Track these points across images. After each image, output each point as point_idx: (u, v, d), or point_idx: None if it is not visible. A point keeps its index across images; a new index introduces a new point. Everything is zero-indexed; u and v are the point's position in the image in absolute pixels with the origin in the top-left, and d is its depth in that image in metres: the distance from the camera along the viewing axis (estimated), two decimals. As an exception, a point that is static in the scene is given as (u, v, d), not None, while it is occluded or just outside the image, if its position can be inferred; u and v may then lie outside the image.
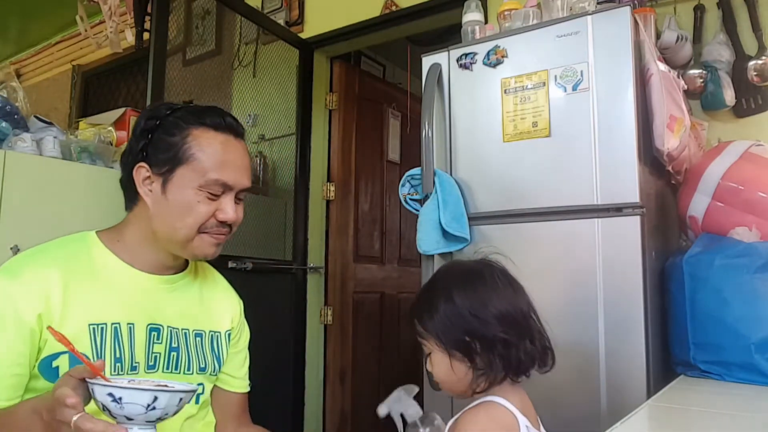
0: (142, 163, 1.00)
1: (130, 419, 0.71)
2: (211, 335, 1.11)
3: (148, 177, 1.00)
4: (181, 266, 1.10)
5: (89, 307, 0.94)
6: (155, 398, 0.71)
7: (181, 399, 0.75)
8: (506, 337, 0.87)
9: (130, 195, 1.04)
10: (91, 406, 0.74)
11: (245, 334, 1.21)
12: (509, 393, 0.89)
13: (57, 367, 0.90)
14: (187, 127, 1.00)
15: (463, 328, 0.89)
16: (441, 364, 0.90)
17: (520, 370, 0.89)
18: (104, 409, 0.72)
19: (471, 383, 0.89)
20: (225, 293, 1.18)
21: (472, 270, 0.95)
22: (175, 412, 0.75)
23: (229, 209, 1.01)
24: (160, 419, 0.74)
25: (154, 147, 1.00)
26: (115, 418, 0.72)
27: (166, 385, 0.77)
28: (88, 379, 0.73)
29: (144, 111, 1.06)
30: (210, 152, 0.99)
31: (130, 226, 1.04)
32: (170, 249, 1.02)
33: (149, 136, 1.00)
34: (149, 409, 0.71)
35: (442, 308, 0.91)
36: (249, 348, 1.22)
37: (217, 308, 1.14)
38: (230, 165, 1.00)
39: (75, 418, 0.69)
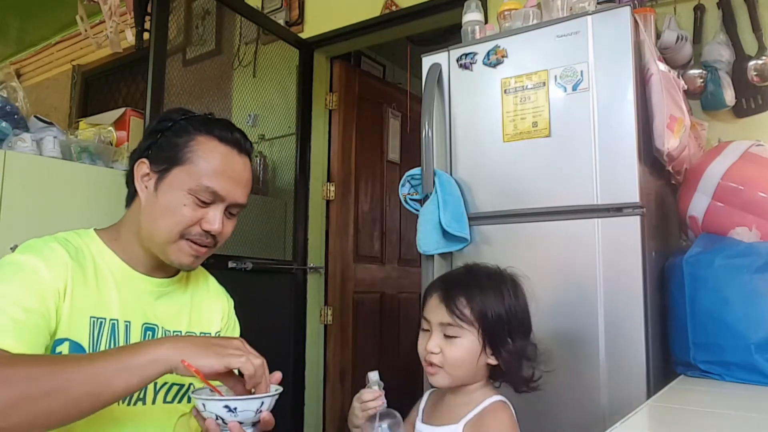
0: (144, 160, 1.02)
1: (241, 422, 0.83)
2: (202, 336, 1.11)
3: (147, 174, 1.02)
4: (173, 269, 1.09)
5: (92, 300, 0.96)
6: (262, 403, 0.84)
7: (277, 400, 0.87)
8: (533, 348, 0.96)
9: (131, 191, 1.06)
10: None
11: (236, 331, 1.19)
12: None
13: (60, 353, 0.91)
14: (195, 132, 1.02)
15: (508, 328, 0.94)
16: (468, 352, 0.93)
17: (521, 381, 0.96)
18: (217, 417, 0.82)
19: (479, 376, 0.95)
20: (215, 293, 1.18)
21: (517, 278, 1.01)
22: (268, 409, 0.86)
23: (215, 220, 0.99)
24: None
25: (159, 146, 1.02)
26: (226, 423, 0.83)
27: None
28: (195, 395, 0.84)
29: (161, 114, 1.10)
30: (209, 160, 1.00)
31: (125, 223, 1.06)
32: (151, 249, 1.02)
33: (158, 135, 1.03)
34: (257, 413, 0.84)
35: (493, 302, 0.94)
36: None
37: (208, 309, 1.14)
38: (225, 176, 1.00)
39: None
